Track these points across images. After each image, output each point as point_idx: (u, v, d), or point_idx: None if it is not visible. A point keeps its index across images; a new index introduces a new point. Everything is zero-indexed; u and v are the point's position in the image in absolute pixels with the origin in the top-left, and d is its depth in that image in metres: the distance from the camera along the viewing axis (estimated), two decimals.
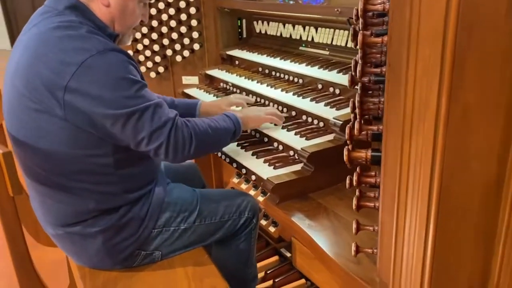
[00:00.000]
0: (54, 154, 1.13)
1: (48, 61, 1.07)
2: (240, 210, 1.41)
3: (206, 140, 1.24)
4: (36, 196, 1.25)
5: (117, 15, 1.20)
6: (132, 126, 1.10)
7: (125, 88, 1.09)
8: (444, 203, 0.72)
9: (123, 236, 1.26)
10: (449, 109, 0.65)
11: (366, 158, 0.91)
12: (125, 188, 1.24)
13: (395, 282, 0.85)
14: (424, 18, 0.65)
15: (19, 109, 1.13)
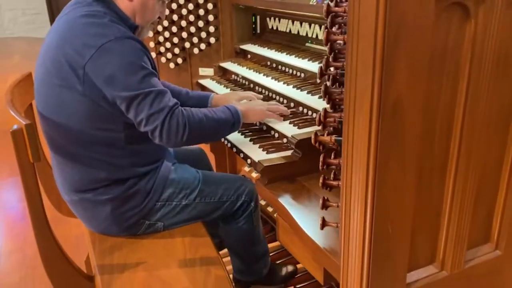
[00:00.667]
0: (73, 126, 1.31)
1: (73, 43, 1.25)
2: (238, 193, 1.53)
3: (200, 129, 1.35)
4: (57, 165, 1.45)
5: (138, 9, 1.36)
6: (135, 107, 1.25)
7: (134, 73, 1.24)
8: (381, 183, 0.83)
9: (129, 206, 1.42)
10: (381, 98, 0.77)
11: (332, 142, 1.03)
12: (133, 162, 1.39)
13: (344, 253, 0.96)
14: (362, 19, 0.76)
15: (46, 85, 1.32)
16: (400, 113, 0.80)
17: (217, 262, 1.37)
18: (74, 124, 1.31)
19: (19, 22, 10.70)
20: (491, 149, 0.97)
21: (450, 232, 0.97)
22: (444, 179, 0.94)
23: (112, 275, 1.32)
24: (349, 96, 0.83)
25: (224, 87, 2.02)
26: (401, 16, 0.73)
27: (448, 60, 0.84)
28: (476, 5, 0.81)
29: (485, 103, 0.90)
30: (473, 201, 0.97)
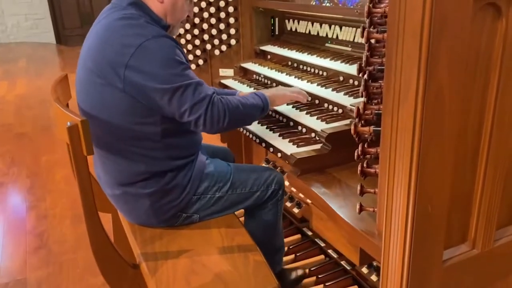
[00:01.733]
0: (114, 121, 1.39)
1: (113, 44, 1.34)
2: (267, 183, 1.63)
3: (237, 114, 1.45)
4: (99, 160, 1.53)
5: (169, 9, 1.46)
6: (177, 99, 1.33)
7: (173, 67, 1.33)
8: (422, 167, 0.92)
9: (168, 199, 1.51)
10: (425, 89, 0.86)
11: (370, 132, 1.12)
12: (169, 155, 1.47)
13: (386, 234, 1.05)
14: (408, 18, 0.85)
15: (88, 84, 1.40)
16: (441, 102, 0.89)
17: (254, 249, 1.45)
18: (115, 120, 1.40)
19: (22, 27, 10.79)
20: None
21: (481, 213, 1.06)
22: (476, 164, 1.03)
23: (156, 261, 1.40)
24: (394, 88, 0.92)
25: (247, 86, 2.11)
26: (443, 15, 0.82)
27: (482, 54, 0.93)
28: (507, 5, 0.90)
29: None
30: (502, 184, 1.06)
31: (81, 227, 2.73)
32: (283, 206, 1.73)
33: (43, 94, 5.97)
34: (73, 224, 2.77)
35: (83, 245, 2.54)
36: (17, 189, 3.27)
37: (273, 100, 1.60)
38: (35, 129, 4.55)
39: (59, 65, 8.44)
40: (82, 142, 1.24)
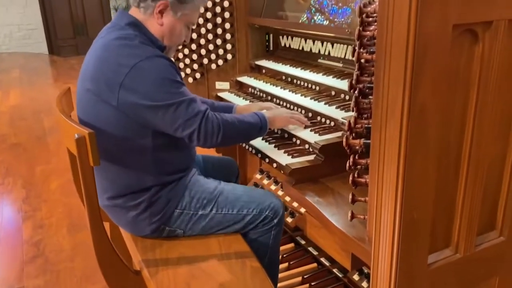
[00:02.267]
0: (107, 136, 1.44)
1: (109, 63, 1.40)
2: (261, 207, 1.59)
3: (232, 130, 1.50)
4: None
5: (167, 33, 1.53)
6: (170, 115, 1.39)
7: (166, 85, 1.39)
8: (408, 177, 1.00)
9: (150, 212, 1.53)
10: (410, 106, 0.95)
11: (360, 145, 1.21)
12: (160, 170, 1.51)
13: (375, 239, 1.13)
14: (394, 42, 0.94)
15: (86, 100, 1.47)
16: (425, 118, 0.98)
17: (250, 256, 1.52)
18: (108, 135, 1.45)
19: (15, 38, 10.82)
20: (496, 148, 1.15)
21: (463, 219, 1.15)
22: (457, 174, 1.11)
23: (157, 267, 1.47)
24: (381, 104, 1.01)
25: (243, 99, 2.19)
26: (426, 40, 0.91)
27: (461, 74, 1.03)
28: (483, 31, 1.00)
29: (491, 109, 1.08)
30: (482, 192, 1.15)
31: (78, 236, 2.79)
32: (279, 236, 1.65)
33: (37, 104, 6.01)
34: (70, 233, 2.81)
35: (80, 253, 2.58)
36: (13, 199, 3.30)
37: (273, 121, 1.65)
38: (29, 139, 4.59)
39: (52, 76, 8.48)
40: (89, 153, 1.31)
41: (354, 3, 1.89)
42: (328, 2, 2.03)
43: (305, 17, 2.13)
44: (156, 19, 1.50)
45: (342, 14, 1.94)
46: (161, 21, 1.51)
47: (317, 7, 2.08)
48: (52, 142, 4.48)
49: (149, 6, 1.48)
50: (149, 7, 1.48)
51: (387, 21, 0.93)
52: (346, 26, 1.84)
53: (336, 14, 1.97)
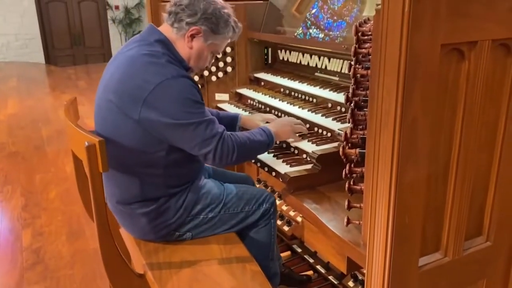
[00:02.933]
0: (124, 146, 1.50)
1: (134, 78, 1.45)
2: (259, 202, 1.72)
3: (245, 151, 1.57)
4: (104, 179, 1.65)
5: (194, 56, 1.59)
6: (189, 134, 1.44)
7: (188, 105, 1.44)
8: (400, 184, 1.08)
9: (162, 219, 1.60)
10: (402, 118, 1.03)
11: (356, 154, 1.29)
12: (168, 183, 1.58)
13: (370, 243, 1.20)
14: (387, 60, 1.03)
15: (107, 111, 1.52)
16: (415, 129, 1.06)
17: (250, 260, 1.59)
18: (125, 146, 1.51)
19: (12, 47, 10.88)
20: (482, 157, 1.24)
21: (452, 224, 1.23)
22: (446, 181, 1.19)
23: (161, 271, 1.52)
24: (376, 116, 1.09)
25: (242, 110, 2.27)
26: (416, 58, 1.00)
27: (449, 89, 1.11)
28: (469, 50, 1.09)
29: (477, 121, 1.17)
30: (469, 199, 1.23)
31: (77, 243, 2.83)
32: (276, 222, 1.83)
33: (35, 113, 6.06)
34: (69, 240, 2.86)
35: (79, 260, 2.63)
36: (12, 207, 3.33)
37: (278, 136, 1.73)
38: (27, 148, 4.63)
39: (50, 85, 8.53)
40: (98, 159, 1.37)
41: (349, 16, 1.98)
42: (324, 16, 2.13)
43: (300, 30, 2.22)
44: (186, 41, 1.56)
45: (337, 27, 2.03)
46: (191, 44, 1.57)
47: (312, 20, 2.18)
48: (51, 151, 4.53)
49: (182, 28, 1.54)
50: (182, 29, 1.55)
51: (380, 40, 1.02)
52: (342, 39, 1.94)
53: (331, 28, 2.06)
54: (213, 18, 1.56)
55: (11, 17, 10.62)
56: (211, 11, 1.55)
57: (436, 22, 0.99)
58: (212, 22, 1.56)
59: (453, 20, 1.01)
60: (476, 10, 1.04)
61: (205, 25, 1.55)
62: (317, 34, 2.12)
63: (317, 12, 2.18)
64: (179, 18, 1.55)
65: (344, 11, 2.02)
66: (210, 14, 1.55)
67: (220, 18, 1.57)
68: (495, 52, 1.14)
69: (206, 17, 1.55)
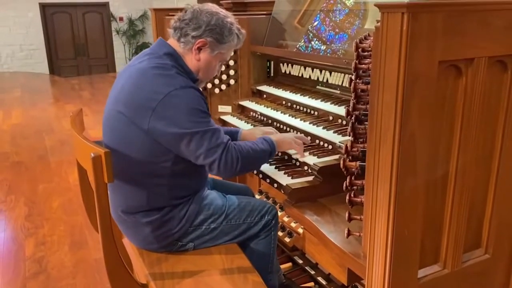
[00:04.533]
0: (131, 156, 1.53)
1: (144, 89, 1.49)
2: (261, 213, 1.75)
3: (249, 160, 1.59)
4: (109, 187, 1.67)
5: (202, 67, 1.63)
6: (195, 143, 1.47)
7: (195, 115, 1.48)
8: (399, 197, 1.10)
9: (165, 229, 1.63)
10: (401, 133, 1.06)
11: (356, 167, 1.31)
12: (173, 194, 1.61)
13: (370, 255, 1.22)
14: (386, 76, 1.06)
15: (116, 121, 1.55)
16: (414, 143, 1.09)
17: (252, 271, 1.60)
18: (133, 155, 1.54)
19: (17, 57, 11.01)
20: (480, 170, 1.26)
21: (450, 237, 1.25)
22: (445, 195, 1.22)
23: (163, 281, 1.54)
24: (375, 131, 1.12)
25: (245, 122, 2.31)
26: (414, 75, 1.03)
27: (447, 104, 1.14)
28: (466, 66, 1.12)
29: (475, 135, 1.20)
30: (467, 213, 1.25)
31: (79, 253, 2.85)
32: (277, 234, 1.84)
33: (38, 124, 6.11)
34: (71, 250, 2.87)
35: (81, 270, 2.64)
36: (15, 217, 3.35)
37: (280, 146, 1.76)
38: (31, 158, 4.67)
39: (53, 96, 8.60)
40: (104, 170, 1.40)
41: (350, 29, 2.02)
42: (326, 28, 2.17)
43: (302, 43, 2.26)
44: (193, 54, 1.60)
45: (339, 39, 2.07)
46: (198, 56, 1.61)
47: (314, 32, 2.22)
48: (54, 161, 4.56)
49: (189, 42, 1.59)
50: (189, 43, 1.59)
51: (380, 57, 1.05)
52: (344, 52, 1.97)
53: (333, 40, 2.10)
54: (217, 29, 1.60)
55: (16, 28, 10.77)
56: (214, 22, 1.59)
57: (434, 40, 1.02)
58: (217, 33, 1.60)
59: (450, 38, 1.05)
60: (472, 28, 1.07)
61: (210, 37, 1.59)
62: (318, 46, 2.16)
63: (319, 25, 2.22)
64: (184, 32, 1.59)
65: (346, 23, 2.06)
66: (214, 25, 1.59)
67: (224, 28, 1.61)
68: (492, 68, 1.17)
69: (211, 29, 1.59)
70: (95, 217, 1.98)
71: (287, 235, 2.17)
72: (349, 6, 2.07)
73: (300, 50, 2.27)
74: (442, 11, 1.01)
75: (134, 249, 1.74)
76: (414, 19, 0.98)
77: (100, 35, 11.70)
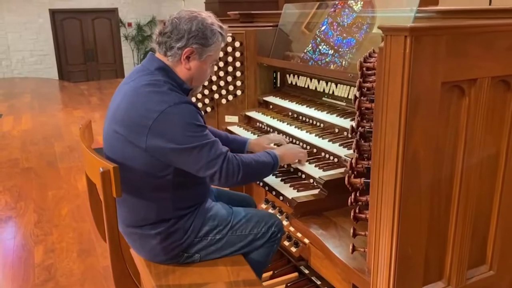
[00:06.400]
0: (132, 172, 1.55)
1: (138, 108, 1.51)
2: (268, 225, 1.77)
3: (250, 171, 1.62)
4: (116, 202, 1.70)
5: (195, 75, 1.65)
6: (194, 157, 1.50)
7: (191, 129, 1.50)
8: (403, 215, 1.12)
9: (172, 240, 1.65)
10: (404, 151, 1.07)
11: (361, 183, 1.33)
12: (178, 206, 1.63)
13: (374, 271, 1.23)
14: (390, 96, 1.08)
15: (114, 140, 1.58)
16: (417, 162, 1.10)
17: (258, 283, 1.62)
18: (134, 171, 1.56)
19: (27, 63, 11.15)
20: (483, 189, 1.27)
21: (455, 254, 1.25)
22: (448, 212, 1.23)
23: None
24: (379, 149, 1.13)
25: (251, 133, 2.33)
26: (417, 95, 1.05)
27: (450, 124, 1.16)
28: (469, 87, 1.13)
29: (478, 154, 1.21)
30: (471, 230, 1.26)
31: (88, 261, 2.88)
32: (276, 248, 1.84)
33: (48, 129, 6.19)
34: (80, 257, 2.91)
35: (90, 278, 2.67)
36: (25, 223, 3.40)
37: (282, 159, 1.79)
38: (40, 164, 4.73)
39: (62, 101, 8.69)
40: (113, 185, 1.43)
41: (358, 33, 2.04)
42: (333, 33, 2.18)
43: (310, 47, 2.28)
44: (183, 64, 1.61)
45: (347, 44, 2.08)
46: (188, 65, 1.62)
47: (322, 37, 2.24)
48: (63, 167, 4.62)
49: (176, 54, 1.59)
50: (176, 54, 1.60)
51: (383, 78, 1.07)
52: (351, 57, 1.99)
53: (341, 44, 2.11)
54: (199, 34, 1.59)
55: (27, 34, 10.92)
56: (195, 27, 1.58)
57: (436, 62, 1.04)
58: (200, 38, 1.59)
59: (452, 60, 1.06)
60: (474, 49, 1.09)
61: (195, 43, 1.59)
62: (326, 51, 2.17)
63: (326, 29, 2.24)
64: (169, 46, 1.59)
65: (354, 28, 2.07)
66: (196, 31, 1.58)
67: (206, 30, 1.60)
68: (495, 88, 1.18)
69: (193, 35, 1.58)
70: (103, 228, 2.01)
71: (293, 245, 2.18)
72: (356, 11, 2.09)
73: (307, 55, 2.29)
74: (445, 34, 1.02)
75: (141, 261, 1.76)
76: (417, 42, 0.99)
77: (109, 40, 11.82)
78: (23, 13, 10.76)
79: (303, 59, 2.31)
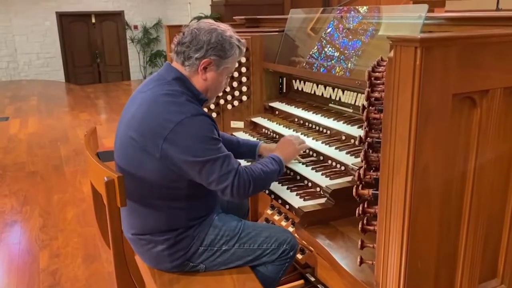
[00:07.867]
0: (145, 181, 1.56)
1: (155, 117, 1.51)
2: (279, 242, 1.71)
3: (260, 183, 1.62)
4: (124, 209, 1.69)
5: (210, 86, 1.65)
6: (206, 170, 1.50)
7: (206, 143, 1.50)
8: (413, 228, 1.09)
9: (177, 248, 1.64)
10: (414, 165, 1.05)
11: (369, 194, 1.30)
12: (188, 216, 1.64)
13: (382, 285, 1.21)
14: (399, 109, 1.05)
15: (129, 147, 1.57)
16: (427, 175, 1.08)
17: None
18: (147, 180, 1.56)
19: (34, 65, 11.21)
20: (494, 202, 1.24)
21: (465, 268, 1.23)
22: (459, 225, 1.20)
23: None
24: (388, 161, 1.11)
25: (256, 139, 2.30)
26: (428, 107, 1.02)
27: (461, 135, 1.13)
28: (480, 98, 1.11)
29: (489, 166, 1.18)
30: (482, 243, 1.23)
31: (92, 266, 2.88)
32: (288, 267, 1.77)
33: (54, 132, 6.20)
34: (85, 263, 2.90)
35: (94, 284, 2.66)
36: (31, 228, 3.40)
37: (285, 161, 1.79)
38: (46, 168, 4.74)
39: (69, 104, 8.72)
40: (117, 195, 1.42)
41: (364, 35, 2.01)
42: (339, 35, 2.16)
43: (315, 49, 2.26)
44: (200, 75, 1.62)
45: (353, 46, 2.06)
46: (205, 76, 1.62)
47: (328, 39, 2.22)
48: (68, 171, 4.62)
49: (194, 64, 1.59)
50: (194, 65, 1.60)
51: (393, 90, 1.05)
52: (357, 59, 1.97)
53: (347, 46, 2.09)
54: (218, 46, 1.60)
55: (33, 36, 10.98)
56: (214, 39, 1.59)
57: (447, 73, 1.01)
58: (219, 50, 1.60)
59: (464, 71, 1.04)
60: (486, 60, 1.06)
61: (213, 55, 1.60)
62: (332, 53, 2.15)
63: (332, 31, 2.22)
64: (187, 56, 1.60)
65: (360, 30, 2.05)
66: (215, 42, 1.59)
67: (225, 42, 1.61)
68: (507, 98, 1.16)
69: (212, 47, 1.59)
70: (107, 234, 2.00)
71: (300, 252, 2.16)
72: (362, 13, 2.06)
73: (313, 57, 2.27)
74: (456, 45, 1.00)
75: (146, 269, 1.75)
76: (427, 53, 0.97)
77: (115, 43, 11.86)
78: (30, 16, 10.83)
79: (308, 61, 2.29)
